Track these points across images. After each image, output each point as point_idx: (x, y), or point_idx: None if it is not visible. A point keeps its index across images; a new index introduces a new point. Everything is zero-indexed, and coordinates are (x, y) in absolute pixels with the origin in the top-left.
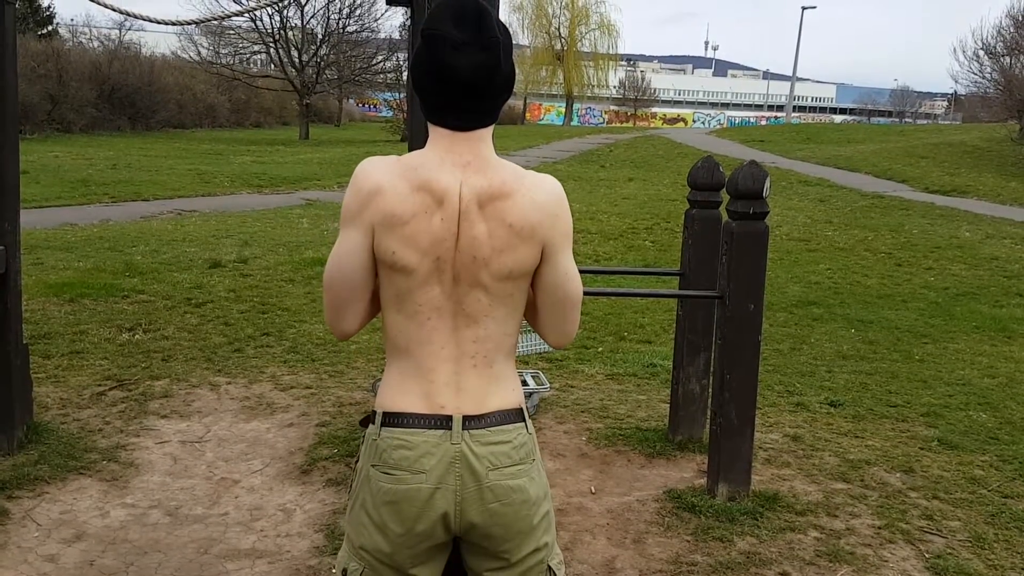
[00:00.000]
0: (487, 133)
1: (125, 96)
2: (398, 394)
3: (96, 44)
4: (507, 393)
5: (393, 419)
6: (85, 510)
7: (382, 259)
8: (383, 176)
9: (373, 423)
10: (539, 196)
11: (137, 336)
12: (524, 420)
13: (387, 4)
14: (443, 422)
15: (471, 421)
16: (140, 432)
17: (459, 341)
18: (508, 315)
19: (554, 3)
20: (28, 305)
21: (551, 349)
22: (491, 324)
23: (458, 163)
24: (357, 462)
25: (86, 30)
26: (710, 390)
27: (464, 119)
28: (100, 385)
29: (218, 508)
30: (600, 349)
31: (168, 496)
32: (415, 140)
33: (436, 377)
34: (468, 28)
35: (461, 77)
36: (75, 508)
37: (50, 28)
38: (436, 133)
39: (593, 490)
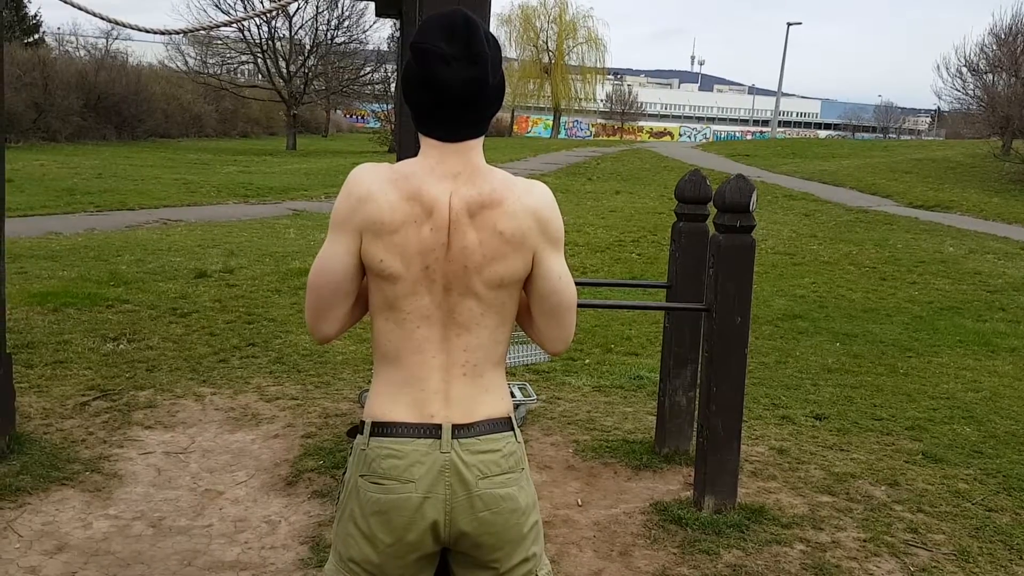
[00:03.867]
0: (477, 143)
1: (111, 105)
2: (387, 403)
3: (83, 53)
4: (497, 402)
5: (382, 429)
6: (67, 521)
7: (370, 266)
8: (375, 183)
9: (361, 433)
10: (529, 202)
11: (121, 346)
12: (513, 429)
13: (376, 16)
14: (432, 431)
15: (461, 430)
16: (124, 443)
17: (449, 350)
18: (499, 324)
19: (542, 17)
20: (11, 314)
21: (538, 361)
22: (482, 333)
23: (448, 174)
24: (344, 473)
25: (73, 39)
26: (697, 402)
27: (454, 131)
28: (83, 395)
29: (202, 520)
30: (587, 361)
31: (152, 507)
32: (404, 152)
33: (426, 386)
34: (457, 42)
35: (451, 91)
36: (57, 519)
37: (36, 36)
38: (427, 144)
39: (580, 502)
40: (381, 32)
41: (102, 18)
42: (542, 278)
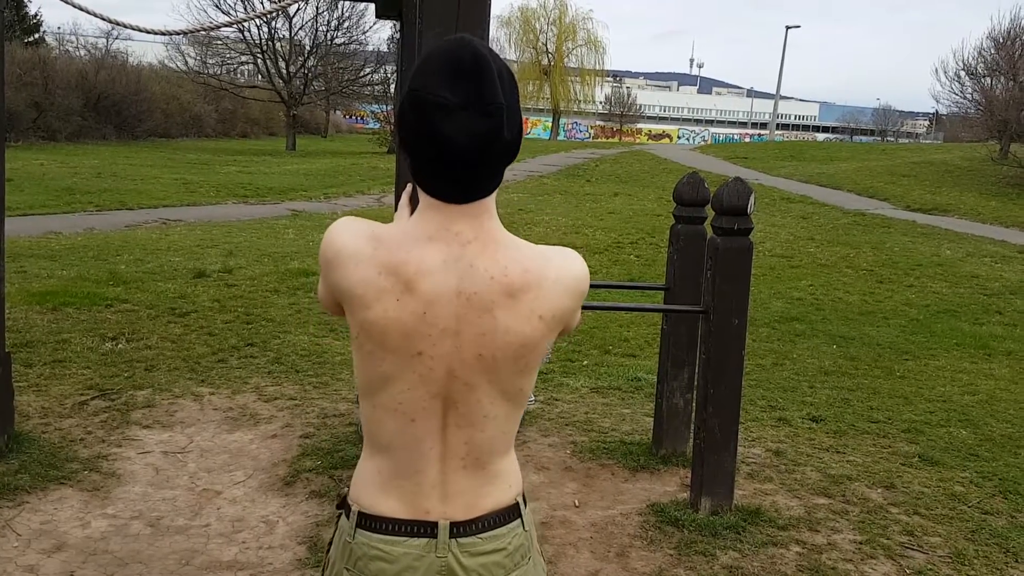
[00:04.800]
0: (490, 203)
1: (111, 105)
2: (376, 493)
3: (83, 52)
4: (503, 491)
5: (370, 522)
6: (66, 520)
7: (351, 335)
8: (347, 248)
9: (347, 516)
10: (569, 280)
11: (120, 345)
12: (520, 515)
13: (376, 17)
14: (428, 529)
15: (460, 528)
16: (122, 442)
17: (449, 441)
18: (512, 412)
19: (541, 19)
20: (10, 313)
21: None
22: (490, 426)
23: (455, 242)
24: (329, 548)
25: (73, 38)
26: (694, 404)
27: (460, 191)
28: (82, 394)
29: (200, 519)
30: (585, 362)
31: (150, 507)
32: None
33: (421, 479)
34: (465, 88)
35: (456, 148)
36: (56, 518)
37: (37, 36)
38: (427, 203)
39: (577, 503)
40: (381, 33)
41: (102, 18)
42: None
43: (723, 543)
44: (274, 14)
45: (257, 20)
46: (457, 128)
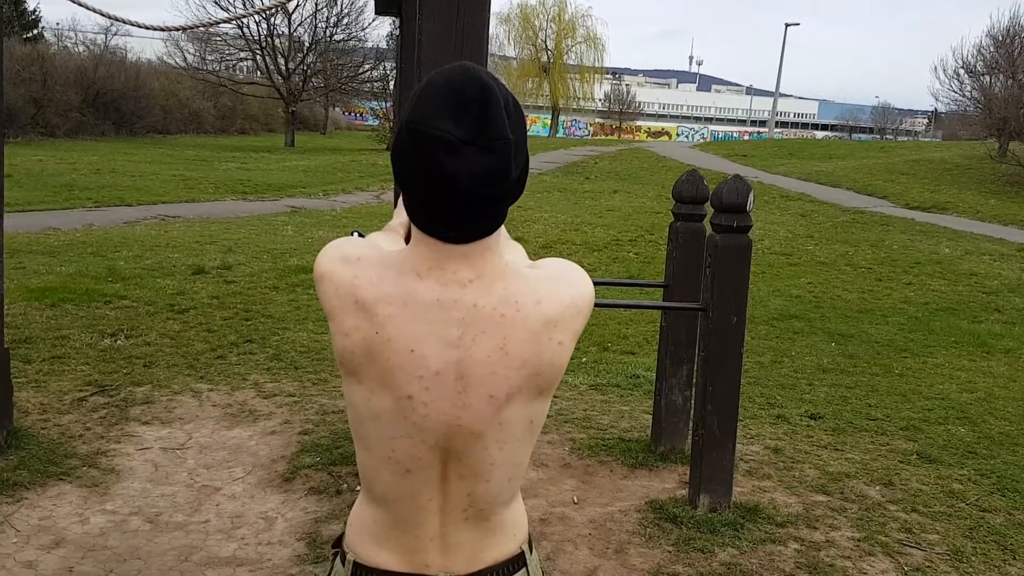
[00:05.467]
0: (492, 240)
1: (110, 101)
2: (372, 544)
3: (82, 48)
4: (507, 541)
5: (366, 574)
6: (65, 516)
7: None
8: (327, 272)
9: (342, 562)
10: (583, 304)
11: (119, 342)
12: (526, 564)
13: (375, 13)
14: None
15: None
16: (121, 438)
17: (449, 493)
18: (521, 453)
19: (541, 16)
20: (9, 310)
21: None
22: (496, 474)
23: (452, 282)
24: None
25: (72, 34)
26: (692, 401)
27: (459, 231)
28: (81, 391)
29: (199, 515)
30: (584, 360)
31: (149, 503)
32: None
33: (420, 532)
34: (470, 123)
35: (457, 186)
36: (55, 514)
37: (35, 32)
38: (421, 237)
39: (576, 500)
40: (380, 30)
41: (102, 14)
42: None
43: (721, 540)
44: (273, 10)
45: (256, 16)
46: (460, 165)
